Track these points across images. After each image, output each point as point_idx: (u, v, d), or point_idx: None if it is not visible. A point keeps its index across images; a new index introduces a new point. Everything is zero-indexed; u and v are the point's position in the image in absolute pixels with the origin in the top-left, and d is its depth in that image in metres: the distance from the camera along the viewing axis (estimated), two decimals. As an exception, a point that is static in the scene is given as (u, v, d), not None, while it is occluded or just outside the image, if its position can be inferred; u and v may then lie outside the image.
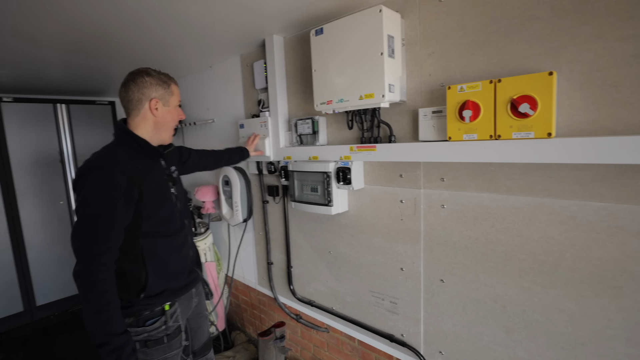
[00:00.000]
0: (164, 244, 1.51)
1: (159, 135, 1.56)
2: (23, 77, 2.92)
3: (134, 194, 1.37)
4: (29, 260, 3.62)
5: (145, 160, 1.49)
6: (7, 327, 3.56)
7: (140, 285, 1.43)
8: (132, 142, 1.47)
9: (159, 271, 1.48)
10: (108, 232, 1.29)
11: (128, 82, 1.48)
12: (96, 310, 1.27)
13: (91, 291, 1.27)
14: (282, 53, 2.23)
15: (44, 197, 3.67)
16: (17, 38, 1.95)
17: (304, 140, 2.15)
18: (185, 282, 1.62)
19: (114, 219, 1.30)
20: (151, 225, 1.46)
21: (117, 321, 1.30)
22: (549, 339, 1.36)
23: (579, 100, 1.21)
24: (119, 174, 1.33)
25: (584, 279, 1.25)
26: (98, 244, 1.28)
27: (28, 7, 1.57)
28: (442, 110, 1.49)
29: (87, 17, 1.71)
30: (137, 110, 1.48)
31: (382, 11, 1.50)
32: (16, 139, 3.47)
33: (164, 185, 1.55)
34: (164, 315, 1.50)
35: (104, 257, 1.29)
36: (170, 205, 1.55)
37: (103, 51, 2.31)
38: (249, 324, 3.16)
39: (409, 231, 1.74)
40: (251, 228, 2.82)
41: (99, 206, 1.29)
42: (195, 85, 3.22)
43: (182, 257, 1.61)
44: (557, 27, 1.22)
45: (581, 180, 1.22)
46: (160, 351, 1.49)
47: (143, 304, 1.45)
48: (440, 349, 1.71)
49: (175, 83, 1.60)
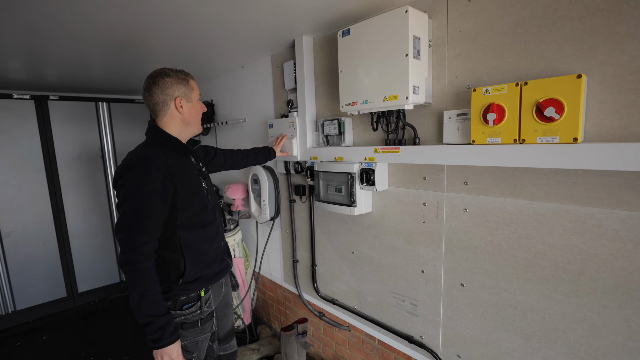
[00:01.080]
0: (199, 234, 1.64)
1: (189, 130, 1.66)
2: (68, 76, 3.13)
3: (169, 189, 1.49)
4: (72, 249, 3.92)
5: (176, 156, 1.60)
6: (52, 310, 3.88)
7: (179, 272, 1.57)
8: (164, 141, 1.58)
9: (195, 259, 1.61)
10: (147, 225, 1.42)
11: (150, 85, 1.56)
12: (140, 294, 1.40)
13: (135, 278, 1.41)
14: (311, 53, 2.29)
15: (86, 190, 3.96)
16: (62, 39, 2.10)
17: (330, 141, 2.20)
18: (218, 270, 1.75)
19: (152, 212, 1.43)
20: (187, 217, 1.58)
21: (159, 304, 1.44)
22: (569, 348, 1.35)
23: (609, 105, 1.19)
24: (155, 171, 1.45)
25: (607, 289, 1.23)
26: (139, 236, 1.40)
27: (72, 10, 1.69)
28: (467, 113, 1.49)
29: (125, 19, 1.83)
30: (164, 111, 1.58)
31: (408, 12, 1.51)
32: (61, 135, 3.76)
33: (196, 180, 1.66)
34: (199, 301, 1.64)
35: (144, 247, 1.41)
36: (202, 197, 1.67)
37: (141, 52, 2.45)
38: (275, 319, 3.26)
39: (430, 234, 1.76)
40: (278, 226, 2.91)
41: (138, 202, 1.41)
42: (228, 85, 3.34)
43: (216, 247, 1.74)
44: (590, 27, 1.20)
45: (608, 187, 1.20)
46: (194, 334, 1.63)
47: (181, 289, 1.59)
48: (458, 353, 1.72)
49: (192, 78, 1.67)
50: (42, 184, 3.66)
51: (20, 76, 3.02)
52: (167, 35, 2.11)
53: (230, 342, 2.03)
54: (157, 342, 1.43)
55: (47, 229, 3.74)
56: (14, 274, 3.58)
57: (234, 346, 2.06)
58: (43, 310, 3.81)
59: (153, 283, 1.43)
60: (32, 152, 3.58)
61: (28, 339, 3.40)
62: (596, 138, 1.21)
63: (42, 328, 3.60)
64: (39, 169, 3.63)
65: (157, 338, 1.42)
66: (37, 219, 3.67)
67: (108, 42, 2.19)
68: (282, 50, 2.55)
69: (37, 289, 3.74)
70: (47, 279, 3.79)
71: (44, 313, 3.82)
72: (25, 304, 3.69)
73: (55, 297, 3.87)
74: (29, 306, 3.71)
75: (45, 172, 3.67)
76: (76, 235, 3.93)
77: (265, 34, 2.17)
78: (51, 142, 3.69)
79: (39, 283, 3.74)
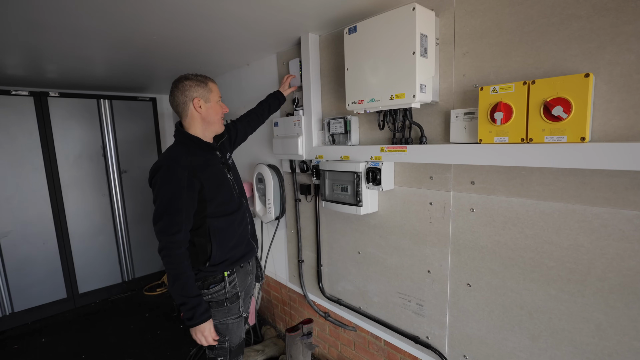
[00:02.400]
0: (227, 221, 1.85)
1: (210, 128, 1.86)
2: (69, 73, 3.18)
3: (195, 184, 1.70)
4: (72, 249, 3.97)
5: (201, 153, 1.81)
6: (51, 312, 3.93)
7: (206, 256, 1.79)
8: (187, 141, 1.79)
9: (222, 244, 1.83)
10: (177, 217, 1.65)
11: (173, 90, 1.79)
12: (174, 277, 1.66)
13: (170, 263, 1.66)
14: (317, 51, 2.33)
15: (87, 189, 4.02)
16: (63, 35, 2.14)
17: (336, 140, 2.24)
18: (243, 252, 1.95)
19: (180, 206, 1.66)
20: (215, 206, 1.79)
21: (191, 286, 1.69)
22: (575, 348, 1.39)
23: (617, 104, 1.22)
24: (180, 170, 1.67)
25: (613, 289, 1.27)
26: (171, 227, 1.65)
27: (73, 5, 1.73)
28: (474, 112, 1.53)
29: (128, 14, 1.86)
30: (185, 112, 1.80)
31: (415, 9, 1.53)
32: (61, 132, 3.81)
33: (221, 173, 1.87)
34: (223, 281, 1.85)
35: (176, 237, 1.65)
36: (228, 188, 1.88)
37: (144, 48, 2.49)
38: (280, 319, 3.31)
39: (437, 234, 1.80)
40: (283, 226, 2.96)
41: (168, 198, 1.65)
42: (233, 82, 3.40)
43: (242, 231, 1.96)
44: (597, 26, 1.23)
45: (615, 187, 1.24)
46: (222, 313, 1.86)
47: (208, 271, 1.81)
48: (464, 353, 1.77)
49: (212, 81, 1.86)
50: (41, 183, 3.70)
51: (19, 72, 3.07)
52: (171, 31, 2.14)
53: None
54: (191, 320, 1.68)
55: (46, 228, 3.78)
56: (11, 275, 3.61)
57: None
58: (42, 312, 3.85)
59: (185, 268, 1.67)
60: (31, 150, 3.62)
61: (26, 342, 3.43)
62: (603, 137, 1.25)
63: (41, 330, 3.64)
64: (38, 167, 3.67)
65: (190, 317, 1.68)
66: (37, 218, 3.70)
67: (110, 37, 2.22)
68: (288, 48, 2.60)
69: (36, 290, 3.78)
70: (46, 279, 3.83)
71: (43, 315, 3.86)
72: (24, 305, 3.72)
73: (55, 298, 3.91)
74: (27, 308, 3.74)
75: (44, 170, 3.71)
76: (77, 235, 3.97)
77: (271, 31, 2.22)
78: (51, 139, 3.73)
79: (38, 284, 3.78)
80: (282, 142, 2.53)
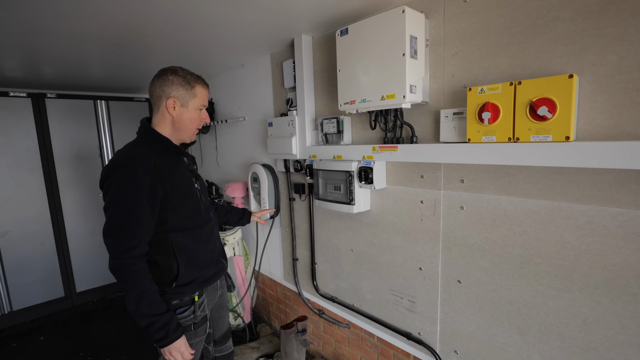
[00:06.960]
0: (192, 237, 1.63)
1: (178, 135, 1.63)
2: (66, 74, 3.17)
3: (158, 191, 1.47)
4: (70, 248, 3.97)
5: (167, 157, 1.57)
6: (49, 311, 3.93)
7: (172, 276, 1.55)
8: (154, 140, 1.56)
9: (189, 262, 1.60)
10: (135, 229, 1.41)
11: (154, 77, 1.57)
12: (137, 298, 1.41)
13: (129, 282, 1.41)
14: (310, 52, 2.34)
15: (84, 189, 4.01)
16: (60, 38, 2.14)
17: (329, 140, 2.25)
18: (213, 272, 1.75)
19: (140, 216, 1.42)
20: (178, 219, 1.56)
21: (158, 303, 1.45)
22: (562, 343, 1.41)
23: (600, 104, 1.23)
24: (142, 173, 1.42)
25: (598, 285, 1.29)
26: (128, 240, 1.40)
27: (70, 7, 1.72)
28: (463, 112, 1.54)
29: (124, 16, 1.85)
30: (157, 107, 1.58)
31: (404, 12, 1.55)
32: (59, 133, 3.81)
33: (189, 181, 1.65)
34: (193, 305, 1.63)
35: (134, 252, 1.41)
36: (195, 199, 1.66)
37: (140, 50, 2.49)
38: (275, 317, 3.32)
39: (428, 232, 1.81)
40: (278, 224, 2.97)
41: (124, 206, 1.40)
42: (228, 84, 3.40)
43: (210, 248, 1.73)
44: (581, 28, 1.25)
45: (599, 185, 1.26)
46: (188, 337, 1.61)
47: (174, 292, 1.58)
48: (455, 349, 1.78)
49: (202, 86, 1.65)
50: (39, 183, 3.70)
51: (17, 74, 3.07)
52: (167, 33, 2.14)
53: (226, 344, 2.05)
54: (164, 340, 1.45)
55: (44, 228, 3.78)
56: (10, 274, 3.62)
57: (230, 347, 2.09)
58: (40, 311, 3.85)
59: (148, 284, 1.44)
60: (29, 150, 3.62)
61: (25, 340, 3.44)
62: (588, 137, 1.26)
63: (40, 328, 3.64)
64: (35, 167, 3.67)
65: (163, 336, 1.44)
66: (34, 218, 3.70)
67: (107, 39, 2.22)
68: (282, 49, 2.60)
69: (34, 289, 3.78)
70: (44, 278, 3.83)
71: (41, 313, 3.86)
72: (22, 304, 3.72)
73: (53, 297, 3.91)
74: (25, 306, 3.75)
75: (42, 170, 3.71)
76: (74, 234, 3.97)
77: (264, 32, 2.22)
78: (48, 140, 3.73)
79: (36, 283, 3.78)
80: (276, 141, 2.53)
